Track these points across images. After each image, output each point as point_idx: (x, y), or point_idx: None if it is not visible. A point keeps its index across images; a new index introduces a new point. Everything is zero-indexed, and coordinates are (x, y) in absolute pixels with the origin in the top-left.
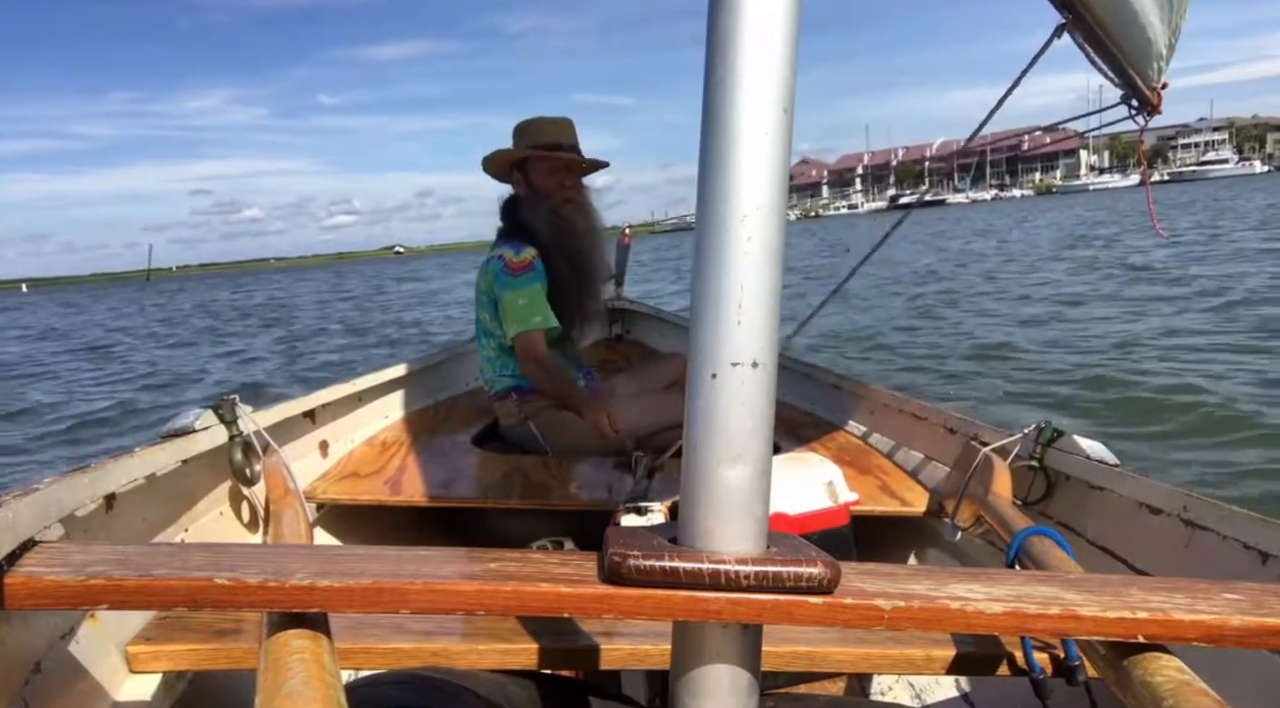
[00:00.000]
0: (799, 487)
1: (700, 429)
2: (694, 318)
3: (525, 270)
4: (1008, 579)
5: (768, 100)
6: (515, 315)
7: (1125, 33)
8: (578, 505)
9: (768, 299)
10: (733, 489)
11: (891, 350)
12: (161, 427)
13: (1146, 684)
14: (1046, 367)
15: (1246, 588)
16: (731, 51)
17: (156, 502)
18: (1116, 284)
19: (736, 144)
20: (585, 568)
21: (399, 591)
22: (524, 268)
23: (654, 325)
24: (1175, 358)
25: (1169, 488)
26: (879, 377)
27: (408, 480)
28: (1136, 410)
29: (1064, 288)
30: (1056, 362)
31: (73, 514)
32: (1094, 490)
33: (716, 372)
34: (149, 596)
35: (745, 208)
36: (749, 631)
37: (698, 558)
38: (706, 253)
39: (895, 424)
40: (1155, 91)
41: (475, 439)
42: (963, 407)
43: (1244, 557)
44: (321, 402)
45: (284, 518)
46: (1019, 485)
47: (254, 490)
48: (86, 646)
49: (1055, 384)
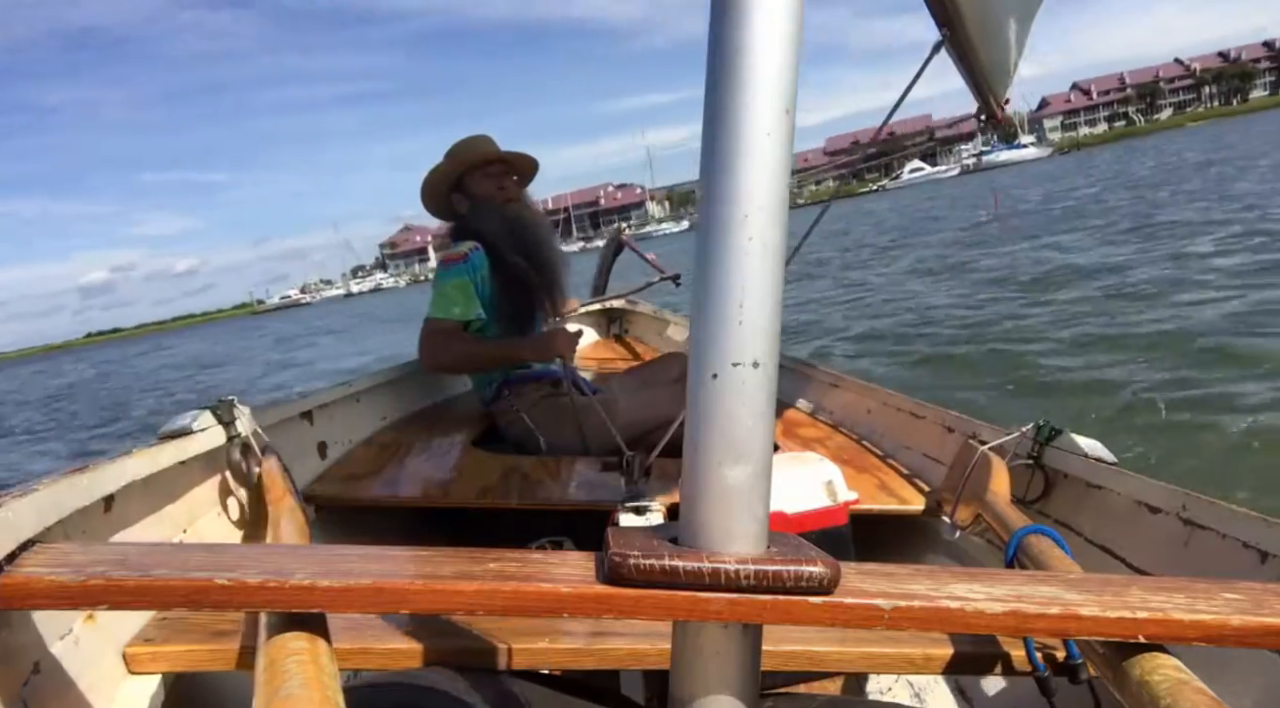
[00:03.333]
0: (798, 486)
1: (701, 429)
2: (695, 318)
3: (457, 262)
4: (1008, 579)
5: (770, 101)
6: (435, 303)
7: (988, 50)
8: (577, 505)
9: (769, 299)
10: (733, 489)
11: None
12: (159, 428)
13: (1144, 684)
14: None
15: (1246, 588)
16: (733, 53)
17: (154, 502)
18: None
19: (738, 145)
20: (585, 568)
21: (398, 590)
22: (457, 259)
23: (654, 325)
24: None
25: (1168, 487)
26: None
27: (406, 481)
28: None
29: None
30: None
31: (71, 515)
32: (1092, 489)
33: (717, 372)
34: (148, 596)
35: (747, 208)
36: (749, 631)
37: (698, 558)
38: (708, 253)
39: (893, 423)
40: (1000, 106)
41: (474, 440)
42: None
43: (1243, 556)
44: (319, 403)
45: (282, 519)
46: (1017, 484)
47: (252, 491)
48: (85, 647)
49: None
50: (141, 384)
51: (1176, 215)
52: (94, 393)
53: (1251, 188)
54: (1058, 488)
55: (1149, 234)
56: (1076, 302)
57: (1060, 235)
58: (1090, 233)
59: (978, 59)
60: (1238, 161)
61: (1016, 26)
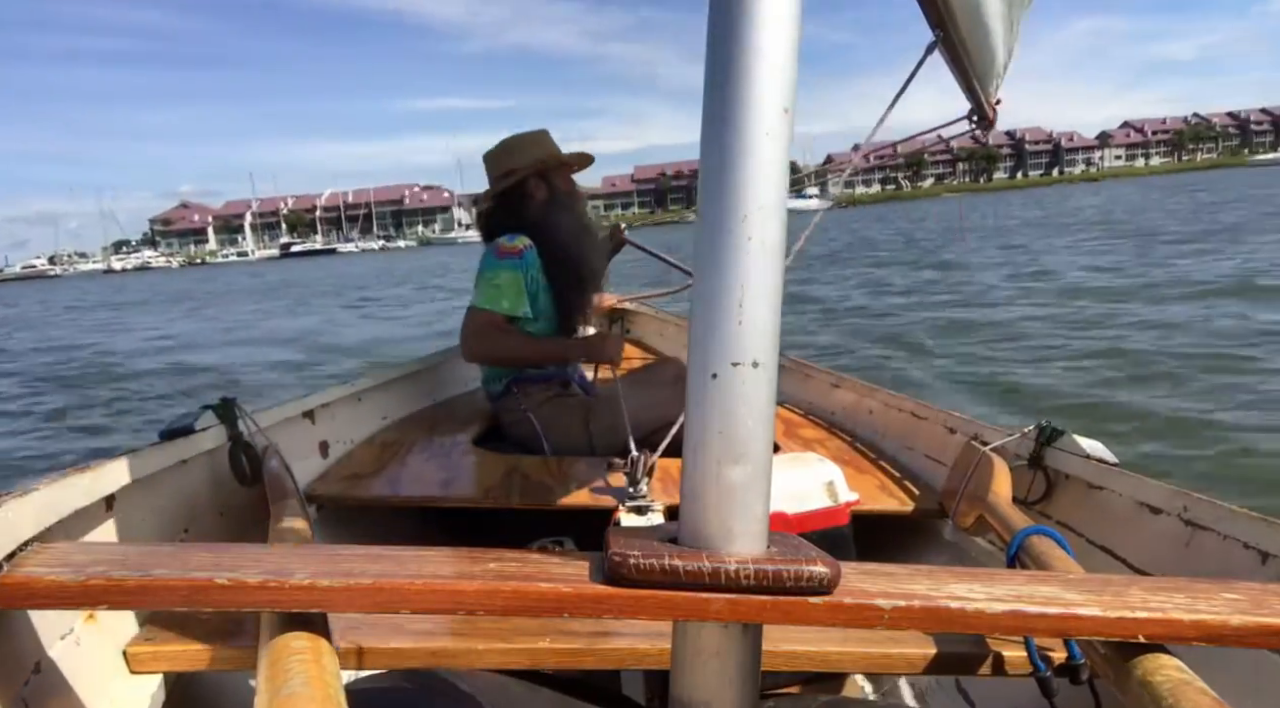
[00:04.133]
0: (799, 487)
1: (701, 429)
2: (694, 318)
3: (512, 255)
4: (1008, 579)
5: (769, 101)
6: (484, 292)
7: (979, 52)
8: (578, 505)
9: (768, 299)
10: (733, 489)
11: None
12: (161, 427)
13: (1146, 684)
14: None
15: (1246, 588)
16: (732, 52)
17: (156, 502)
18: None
19: (738, 145)
20: (586, 568)
21: (399, 590)
22: (512, 252)
23: (654, 325)
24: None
25: (1169, 487)
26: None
27: (408, 480)
28: None
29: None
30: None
31: (72, 515)
32: (1094, 490)
33: (717, 371)
34: (148, 596)
35: (746, 208)
36: (749, 631)
37: (698, 558)
38: (707, 252)
39: (895, 424)
40: (992, 107)
41: (475, 439)
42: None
43: (1244, 556)
44: (321, 402)
45: (284, 518)
46: (1019, 485)
47: (254, 491)
48: (86, 646)
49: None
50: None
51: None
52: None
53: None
54: (1059, 489)
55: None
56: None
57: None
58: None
59: (970, 59)
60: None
61: (1006, 27)
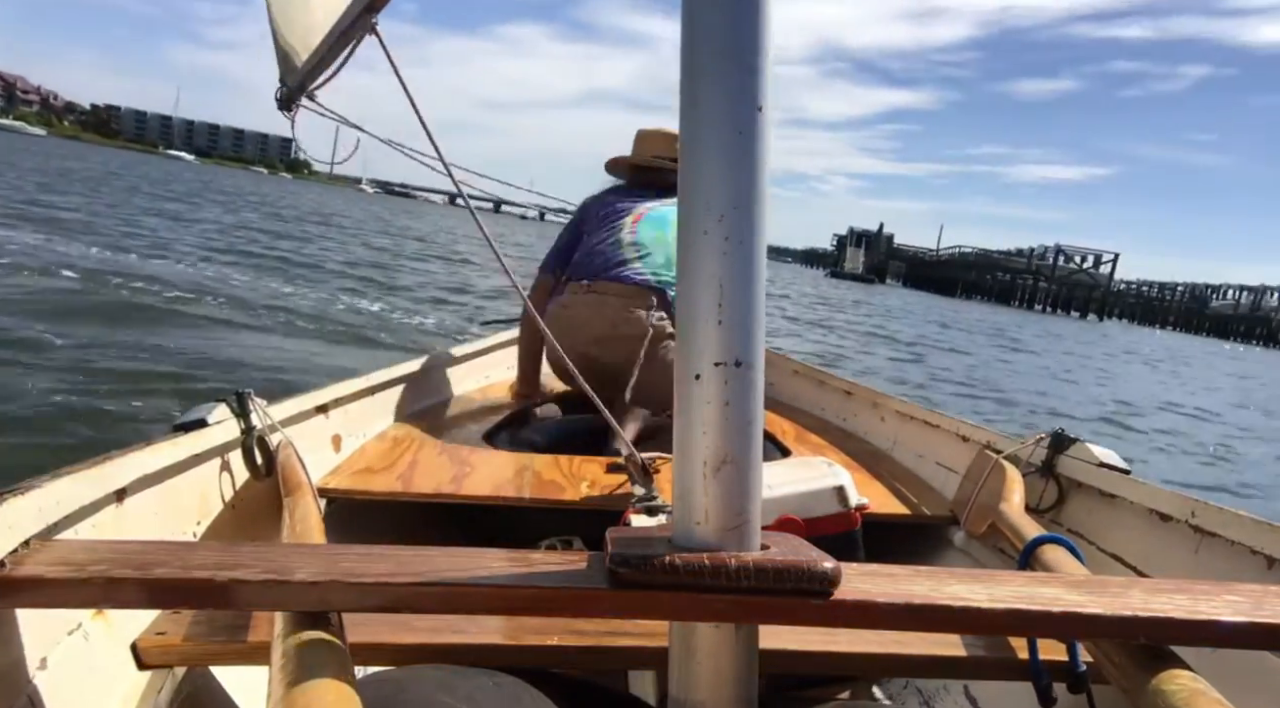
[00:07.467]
0: (809, 491)
1: (687, 430)
2: (679, 319)
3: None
4: (1009, 580)
5: (742, 99)
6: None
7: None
8: (588, 504)
9: (749, 298)
10: (723, 489)
11: None
12: (174, 420)
13: (1159, 693)
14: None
15: (1248, 589)
16: (705, 51)
17: (168, 496)
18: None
19: (712, 143)
20: (586, 568)
21: (401, 589)
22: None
23: None
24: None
25: (1178, 495)
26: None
27: (419, 476)
28: None
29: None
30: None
31: (81, 510)
32: (1105, 497)
33: (700, 372)
34: (153, 595)
35: (723, 207)
36: (746, 631)
37: (697, 558)
38: (686, 253)
39: (907, 431)
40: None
41: (487, 436)
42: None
43: (1250, 561)
44: (334, 396)
45: (296, 512)
46: (1031, 493)
47: (266, 484)
48: (94, 641)
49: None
50: None
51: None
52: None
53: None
54: (1071, 497)
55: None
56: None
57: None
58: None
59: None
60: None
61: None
